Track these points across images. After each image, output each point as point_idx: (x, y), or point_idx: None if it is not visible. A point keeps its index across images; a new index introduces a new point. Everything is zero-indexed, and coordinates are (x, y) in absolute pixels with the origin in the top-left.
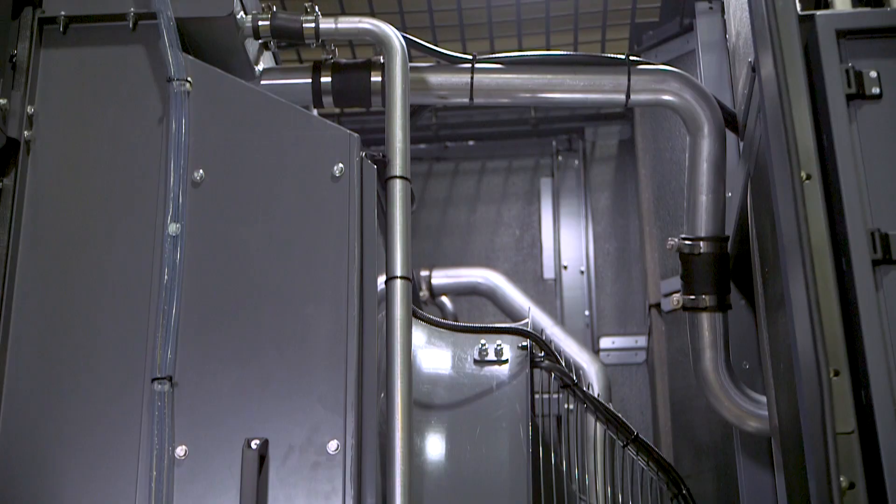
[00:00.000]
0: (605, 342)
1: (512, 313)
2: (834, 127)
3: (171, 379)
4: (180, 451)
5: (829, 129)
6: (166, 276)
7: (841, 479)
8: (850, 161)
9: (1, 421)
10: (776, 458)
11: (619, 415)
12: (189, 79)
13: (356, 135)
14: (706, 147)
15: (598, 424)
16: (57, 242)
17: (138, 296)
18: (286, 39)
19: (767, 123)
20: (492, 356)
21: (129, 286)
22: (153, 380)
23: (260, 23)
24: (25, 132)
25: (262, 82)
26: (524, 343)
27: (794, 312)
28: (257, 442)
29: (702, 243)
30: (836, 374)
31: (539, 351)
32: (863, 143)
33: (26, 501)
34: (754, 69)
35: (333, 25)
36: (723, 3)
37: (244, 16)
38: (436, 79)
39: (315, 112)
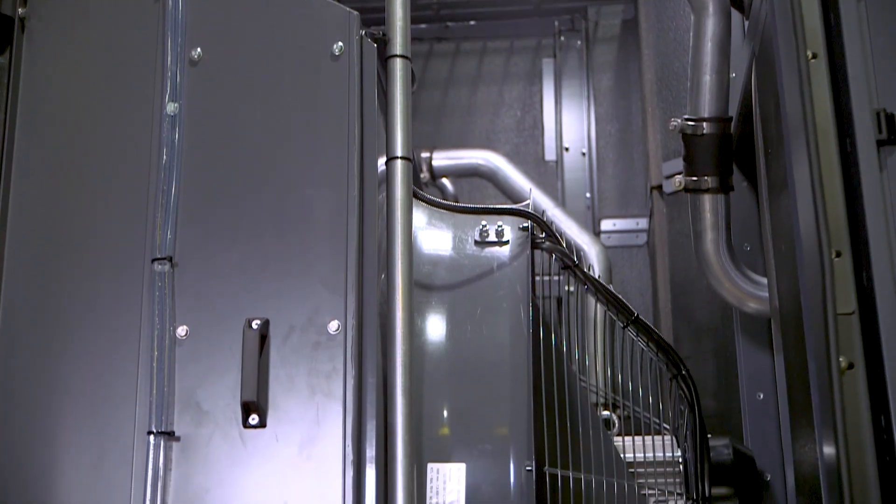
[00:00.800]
0: (606, 224)
1: (513, 195)
2: (841, 4)
3: (171, 259)
4: (181, 331)
5: (835, 6)
6: (165, 156)
7: (840, 359)
8: (857, 40)
9: (2, 297)
10: (775, 339)
11: (620, 296)
12: None
13: (356, 13)
14: (710, 26)
15: (598, 306)
16: (54, 121)
17: (137, 176)
18: None
19: (773, 1)
20: (493, 237)
21: (127, 166)
22: (153, 260)
23: None
24: (20, 9)
25: None
26: (525, 224)
27: (796, 193)
28: (258, 322)
29: (705, 124)
30: (838, 254)
31: (540, 232)
32: (870, 21)
33: (25, 378)
34: None
35: None
36: None
37: None
38: None
39: None
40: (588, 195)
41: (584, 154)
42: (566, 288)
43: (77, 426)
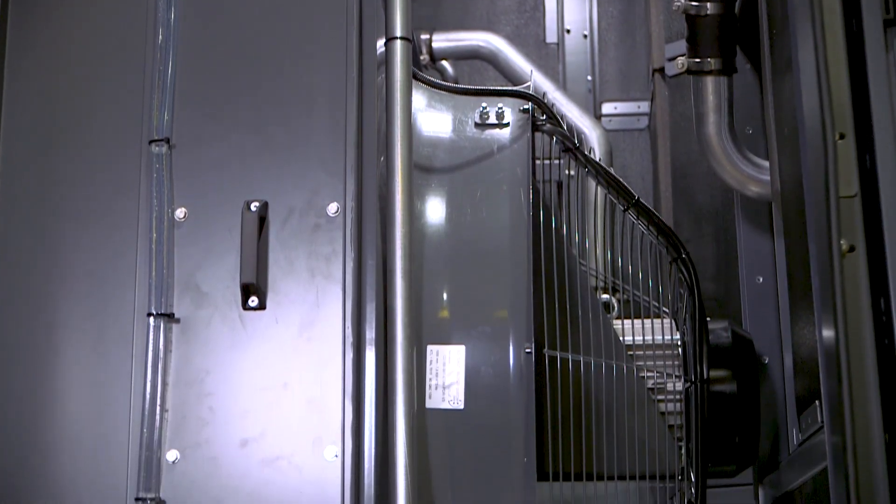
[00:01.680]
0: (608, 108)
1: (513, 78)
2: None
3: (168, 141)
4: (180, 213)
5: None
6: (161, 36)
7: (841, 242)
8: None
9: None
10: (776, 222)
11: (620, 179)
12: None
13: None
14: None
15: (598, 189)
16: (48, 1)
17: (134, 57)
18: None
19: None
20: (493, 119)
21: (124, 46)
22: (150, 142)
23: None
24: None
25: None
26: (526, 106)
27: (801, 74)
28: (257, 204)
29: (708, 4)
30: (842, 136)
31: (541, 114)
32: None
33: (23, 262)
34: None
35: None
36: None
37: None
38: None
39: None
40: (589, 78)
41: (585, 36)
42: (567, 171)
43: (76, 309)
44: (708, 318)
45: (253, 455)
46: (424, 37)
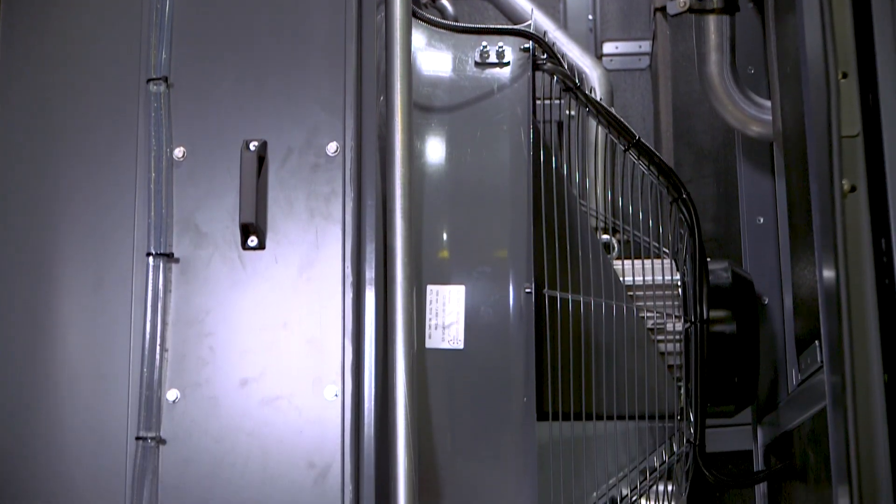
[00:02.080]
0: (609, 47)
1: (513, 16)
2: None
3: (166, 80)
4: (178, 152)
5: None
6: None
7: (843, 182)
8: None
9: None
10: (777, 162)
11: (621, 119)
12: None
13: None
14: None
15: (599, 129)
16: None
17: None
18: None
19: None
20: (493, 58)
21: None
22: (148, 81)
23: None
24: None
25: None
26: (526, 45)
27: (804, 13)
28: (255, 143)
29: None
30: (845, 76)
31: (541, 53)
32: None
33: (21, 202)
34: None
35: None
36: None
37: None
38: None
39: None
40: (590, 17)
41: None
42: (567, 111)
43: (76, 250)
44: (708, 259)
45: (253, 395)
46: None
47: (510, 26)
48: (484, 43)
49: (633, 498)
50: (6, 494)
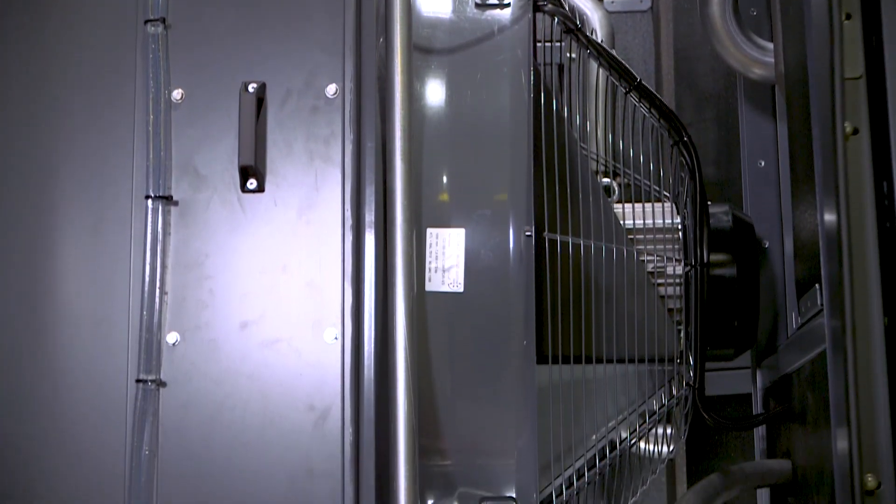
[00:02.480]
0: None
1: None
2: None
3: (164, 21)
4: (177, 94)
5: None
6: None
7: (845, 124)
8: None
9: None
10: (779, 105)
11: (623, 61)
12: None
13: None
14: None
15: (600, 71)
16: None
17: None
18: None
19: None
20: None
21: None
22: (146, 22)
23: None
24: None
25: None
26: None
27: None
28: (254, 85)
29: None
30: (849, 17)
31: None
32: None
33: (16, 150)
34: None
35: None
36: None
37: None
38: None
39: None
40: None
41: None
42: (568, 54)
43: (74, 193)
44: (708, 202)
45: (252, 337)
46: None
47: None
48: None
49: (632, 441)
50: (4, 437)
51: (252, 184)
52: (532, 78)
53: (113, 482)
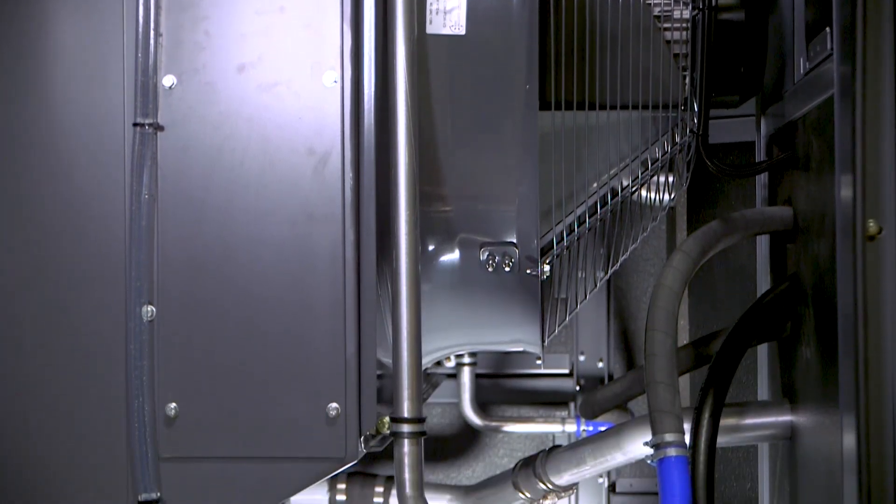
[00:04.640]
0: None
1: None
2: None
3: None
4: None
5: None
6: None
7: None
8: None
9: None
10: None
11: None
12: None
13: None
14: None
15: None
16: None
17: None
18: None
19: None
20: None
21: None
22: None
23: None
24: None
25: None
26: None
27: None
28: None
29: None
30: None
31: None
32: None
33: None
34: None
35: None
36: None
37: None
38: None
39: None
40: None
41: None
42: None
43: (67, 122)
44: None
45: (250, 80)
46: None
47: None
48: None
49: (634, 188)
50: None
51: None
52: None
53: (114, 225)
